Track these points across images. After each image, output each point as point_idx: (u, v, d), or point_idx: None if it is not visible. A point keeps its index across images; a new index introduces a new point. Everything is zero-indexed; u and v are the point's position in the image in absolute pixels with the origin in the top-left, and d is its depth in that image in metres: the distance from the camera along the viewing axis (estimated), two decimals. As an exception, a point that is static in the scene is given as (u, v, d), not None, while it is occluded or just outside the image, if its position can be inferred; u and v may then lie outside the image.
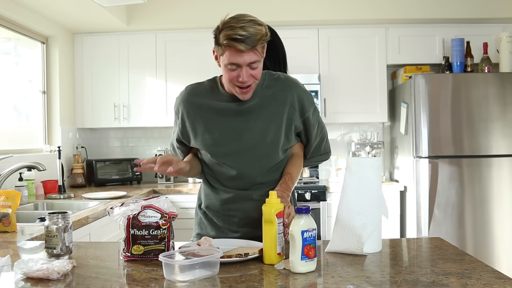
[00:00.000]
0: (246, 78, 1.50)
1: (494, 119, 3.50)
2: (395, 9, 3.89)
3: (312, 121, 1.67)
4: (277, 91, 1.63)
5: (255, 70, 1.51)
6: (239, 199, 1.66)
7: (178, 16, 3.96)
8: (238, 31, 1.43)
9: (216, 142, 1.62)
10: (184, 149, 1.77)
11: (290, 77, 1.70)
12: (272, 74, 1.68)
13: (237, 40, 1.43)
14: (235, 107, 1.62)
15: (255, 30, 1.44)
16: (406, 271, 1.25)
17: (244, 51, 1.45)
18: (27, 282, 1.19)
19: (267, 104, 1.62)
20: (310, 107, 1.66)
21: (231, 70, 1.50)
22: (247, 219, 1.65)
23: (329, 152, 1.80)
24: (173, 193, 3.73)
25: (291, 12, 3.89)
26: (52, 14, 3.63)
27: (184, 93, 1.71)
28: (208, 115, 1.63)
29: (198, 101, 1.66)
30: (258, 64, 1.51)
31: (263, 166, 1.64)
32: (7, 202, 2.00)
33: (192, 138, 1.68)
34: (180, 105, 1.69)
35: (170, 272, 1.21)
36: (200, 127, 1.64)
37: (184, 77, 3.99)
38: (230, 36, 1.43)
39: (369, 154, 4.05)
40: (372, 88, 4.02)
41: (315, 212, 3.62)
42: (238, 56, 1.46)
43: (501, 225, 3.49)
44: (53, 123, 3.90)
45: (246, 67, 1.49)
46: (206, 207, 1.73)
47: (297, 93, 1.64)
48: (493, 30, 3.94)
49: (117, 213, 1.41)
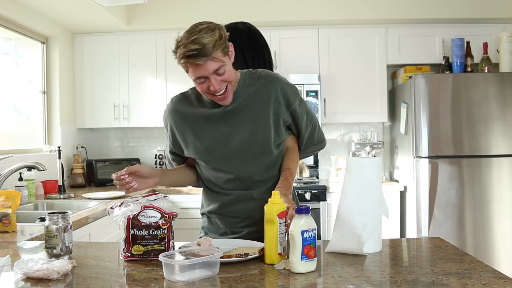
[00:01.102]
0: (217, 86, 1.50)
1: (494, 119, 3.50)
2: (395, 9, 3.89)
3: (300, 112, 1.66)
4: (260, 89, 1.62)
5: (224, 75, 1.50)
6: (240, 200, 1.66)
7: (178, 16, 3.96)
8: (190, 46, 1.42)
9: (207, 149, 1.62)
10: (179, 160, 1.78)
11: (271, 72, 1.69)
12: (252, 72, 1.67)
13: (192, 56, 1.43)
14: (220, 112, 1.61)
15: (208, 39, 1.43)
16: (406, 271, 1.25)
17: (203, 64, 1.45)
18: (27, 282, 1.19)
19: (252, 103, 1.61)
20: (295, 99, 1.64)
21: (201, 83, 1.51)
22: (250, 219, 1.65)
23: (323, 141, 1.78)
24: (173, 193, 3.73)
25: (291, 12, 3.89)
26: (52, 14, 3.63)
27: (170, 105, 1.71)
28: (196, 123, 1.64)
29: (185, 111, 1.66)
30: (224, 68, 1.49)
31: (258, 164, 1.63)
32: (7, 202, 2.00)
33: (184, 147, 1.68)
34: (168, 118, 1.70)
35: (170, 272, 1.21)
36: (189, 136, 1.65)
37: (184, 77, 3.92)
38: (184, 54, 1.44)
39: (369, 154, 4.05)
40: (372, 88, 4.02)
41: (315, 212, 3.62)
42: (200, 70, 1.46)
43: (501, 225, 3.49)
44: (53, 123, 3.90)
45: (212, 76, 1.48)
46: (208, 212, 1.73)
47: (280, 86, 1.63)
48: (493, 30, 3.94)
49: (117, 213, 1.41)
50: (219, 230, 1.71)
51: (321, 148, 1.80)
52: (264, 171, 1.65)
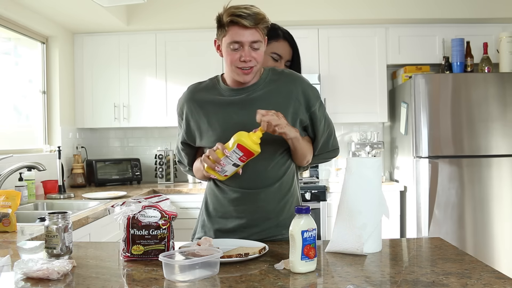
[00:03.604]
0: (248, 57, 1.53)
1: (494, 119, 3.50)
2: (395, 9, 3.89)
3: (319, 115, 1.66)
4: (281, 85, 1.64)
5: (257, 51, 1.55)
6: (246, 200, 1.64)
7: (178, 16, 3.96)
8: (242, 9, 1.51)
9: (220, 137, 1.60)
10: (189, 151, 1.77)
11: (294, 72, 1.71)
12: (276, 69, 1.70)
13: (241, 16, 1.50)
14: (238, 100, 1.62)
15: (258, 11, 1.53)
16: (406, 271, 1.25)
17: (247, 28, 1.51)
18: (27, 282, 1.19)
19: (271, 97, 1.61)
20: (316, 101, 1.65)
21: (233, 50, 1.54)
22: (255, 221, 1.64)
23: (337, 149, 1.77)
24: (173, 193, 3.73)
25: (291, 12, 3.89)
26: (52, 14, 3.63)
27: (187, 93, 1.72)
28: (212, 110, 1.64)
29: (201, 98, 1.67)
30: (260, 45, 1.55)
31: (268, 159, 1.62)
32: (7, 202, 2.00)
33: (198, 137, 1.68)
34: (184, 105, 1.70)
35: (170, 272, 1.21)
36: (204, 124, 1.65)
37: (184, 77, 3.99)
38: (234, 13, 1.51)
39: (369, 154, 4.05)
40: (372, 88, 4.02)
41: (315, 212, 3.62)
42: (241, 33, 1.52)
43: (501, 225, 3.49)
44: (53, 123, 3.90)
45: (248, 46, 1.53)
46: (212, 209, 1.71)
47: (302, 87, 1.64)
48: (493, 30, 3.94)
49: (118, 212, 1.41)
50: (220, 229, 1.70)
51: (334, 156, 1.78)
52: (272, 168, 1.64)
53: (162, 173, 4.17)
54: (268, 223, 1.65)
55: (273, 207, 1.65)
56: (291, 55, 1.91)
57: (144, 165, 4.38)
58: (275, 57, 1.85)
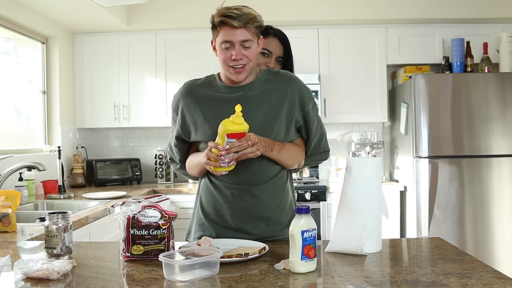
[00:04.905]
0: (239, 55, 1.57)
1: (494, 119, 3.50)
2: (395, 9, 3.89)
3: (312, 115, 1.70)
4: (277, 84, 1.68)
5: (248, 50, 1.58)
6: (240, 196, 1.65)
7: (178, 16, 3.96)
8: (232, 10, 1.55)
9: (216, 131, 1.60)
10: (182, 147, 1.78)
11: (290, 72, 1.76)
12: (272, 70, 1.74)
13: (231, 17, 1.54)
14: (234, 98, 1.64)
15: (248, 11, 1.57)
16: (406, 271, 1.25)
17: (237, 28, 1.54)
18: (27, 282, 1.19)
19: (267, 95, 1.65)
20: (309, 102, 1.69)
21: (225, 49, 1.58)
22: (250, 217, 1.65)
23: (328, 151, 1.82)
24: (173, 193, 3.73)
25: (291, 12, 3.89)
26: (52, 14, 3.63)
27: (183, 88, 1.75)
28: (207, 105, 1.67)
29: (198, 94, 1.70)
30: (251, 44, 1.58)
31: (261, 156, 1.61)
32: (7, 202, 2.00)
33: (193, 131, 1.69)
34: (180, 101, 1.72)
35: (170, 272, 1.21)
36: (199, 118, 1.67)
37: (184, 77, 3.92)
38: (224, 13, 1.55)
39: (369, 154, 4.05)
40: (372, 88, 4.02)
41: (315, 212, 3.62)
42: (231, 33, 1.55)
43: (501, 225, 3.49)
44: (53, 123, 3.90)
45: (238, 45, 1.57)
46: (207, 206, 1.72)
47: (297, 87, 1.68)
48: (493, 30, 3.94)
49: (118, 212, 1.41)
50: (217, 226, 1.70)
51: (325, 158, 1.83)
52: (266, 165, 1.65)
53: (162, 173, 4.17)
54: (263, 220, 1.67)
55: (268, 204, 1.67)
56: (282, 51, 1.98)
57: (144, 165, 4.38)
58: (265, 52, 1.92)
